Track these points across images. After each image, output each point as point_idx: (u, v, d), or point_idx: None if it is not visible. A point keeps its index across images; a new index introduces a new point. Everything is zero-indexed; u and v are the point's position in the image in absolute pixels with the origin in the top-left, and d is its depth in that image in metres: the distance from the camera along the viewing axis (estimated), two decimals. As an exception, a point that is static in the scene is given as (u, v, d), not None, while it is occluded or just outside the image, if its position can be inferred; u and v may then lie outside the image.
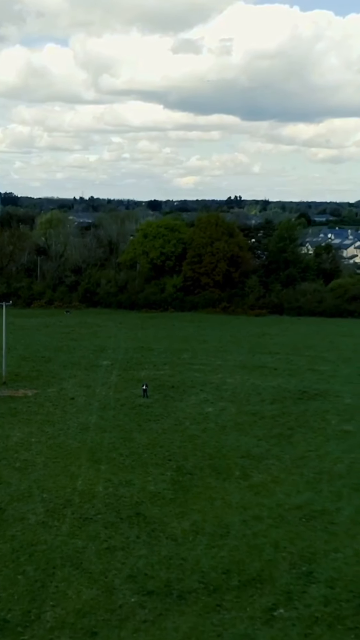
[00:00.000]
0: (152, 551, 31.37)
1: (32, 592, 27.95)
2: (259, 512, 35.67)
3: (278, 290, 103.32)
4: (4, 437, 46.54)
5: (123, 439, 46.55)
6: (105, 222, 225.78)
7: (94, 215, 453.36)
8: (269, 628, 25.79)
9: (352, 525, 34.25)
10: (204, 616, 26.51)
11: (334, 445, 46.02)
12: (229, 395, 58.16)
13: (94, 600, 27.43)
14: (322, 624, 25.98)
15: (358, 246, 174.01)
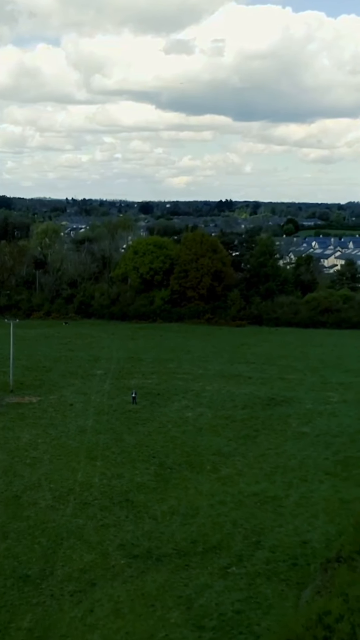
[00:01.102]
0: (137, 527, 40.43)
1: (46, 556, 36.99)
2: (223, 498, 44.75)
3: (258, 303, 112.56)
4: (15, 439, 55.49)
5: (115, 440, 55.53)
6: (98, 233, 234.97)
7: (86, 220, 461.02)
8: (223, 580, 34.85)
9: (296, 508, 43.36)
10: (175, 573, 35.59)
11: (290, 444, 55.13)
12: (206, 402, 67.19)
13: (92, 562, 36.48)
14: (263, 577, 35.07)
15: (338, 256, 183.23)
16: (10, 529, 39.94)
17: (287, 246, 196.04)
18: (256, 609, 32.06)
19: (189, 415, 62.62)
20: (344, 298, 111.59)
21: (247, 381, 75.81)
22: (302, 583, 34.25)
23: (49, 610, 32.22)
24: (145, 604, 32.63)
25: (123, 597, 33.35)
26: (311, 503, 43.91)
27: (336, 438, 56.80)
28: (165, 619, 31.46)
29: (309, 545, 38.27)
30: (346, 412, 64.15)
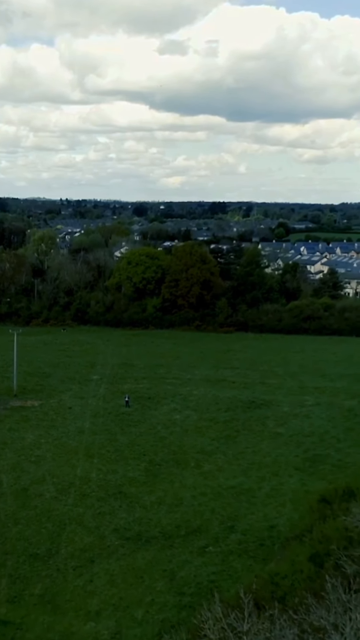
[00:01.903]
0: (129, 514, 47.17)
1: (52, 538, 43.69)
2: (204, 490, 51.50)
3: (244, 310, 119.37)
4: (21, 439, 62.13)
5: (110, 440, 62.22)
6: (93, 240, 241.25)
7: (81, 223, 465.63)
8: (201, 557, 41.59)
9: (266, 498, 50.12)
10: (161, 551, 42.34)
11: (266, 444, 61.89)
12: (193, 405, 73.91)
13: (91, 543, 43.20)
14: (235, 555, 41.83)
15: (324, 263, 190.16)
16: (20, 516, 46.65)
17: (276, 253, 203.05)
18: (227, 579, 38.83)
19: (177, 418, 69.32)
20: (324, 306, 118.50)
21: (231, 385, 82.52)
22: (267, 559, 41.02)
23: (55, 581, 38.96)
24: (136, 576, 39.40)
25: (117, 570, 40.11)
26: (280, 494, 50.67)
27: (307, 438, 63.56)
28: (152, 587, 38.23)
29: (276, 529, 45.01)
30: (319, 414, 70.92)
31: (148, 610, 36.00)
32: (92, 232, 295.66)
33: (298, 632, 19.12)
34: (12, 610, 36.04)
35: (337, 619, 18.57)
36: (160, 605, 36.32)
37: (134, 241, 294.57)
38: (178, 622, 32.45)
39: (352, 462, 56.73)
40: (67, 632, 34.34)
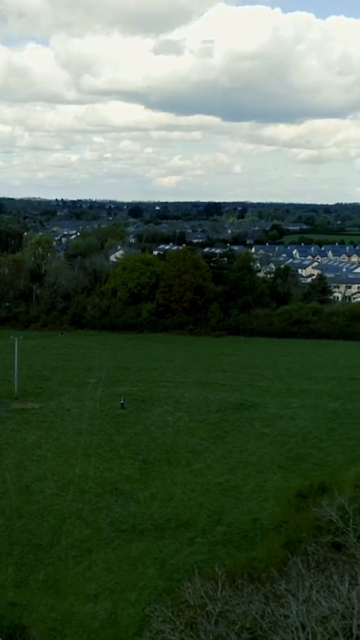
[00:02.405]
0: (124, 509, 51.27)
1: (53, 530, 47.77)
2: (193, 486, 55.62)
3: (235, 315, 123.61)
4: (23, 439, 66.17)
5: (106, 440, 66.29)
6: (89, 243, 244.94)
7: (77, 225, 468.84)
8: (190, 547, 45.73)
9: (251, 494, 54.27)
10: (153, 542, 46.43)
11: (252, 443, 66.04)
12: (185, 407, 78.01)
13: (89, 535, 47.29)
14: (220, 545, 45.95)
15: (315, 266, 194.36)
16: (24, 510, 50.73)
17: (268, 256, 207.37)
18: (212, 566, 42.95)
19: (169, 419, 73.44)
20: (313, 310, 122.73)
21: (221, 388, 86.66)
22: (249, 548, 45.11)
23: (57, 568, 43.05)
24: (130, 564, 43.53)
25: (113, 559, 44.24)
26: (264, 490, 54.81)
27: (291, 438, 67.72)
28: (144, 573, 42.37)
29: (258, 522, 49.14)
30: (303, 415, 75.09)
31: (141, 594, 40.10)
32: (88, 234, 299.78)
33: (262, 599, 23.19)
34: (19, 594, 40.13)
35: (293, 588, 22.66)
36: (151, 589, 40.43)
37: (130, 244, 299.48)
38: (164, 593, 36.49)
39: (333, 460, 60.92)
40: (68, 613, 38.44)
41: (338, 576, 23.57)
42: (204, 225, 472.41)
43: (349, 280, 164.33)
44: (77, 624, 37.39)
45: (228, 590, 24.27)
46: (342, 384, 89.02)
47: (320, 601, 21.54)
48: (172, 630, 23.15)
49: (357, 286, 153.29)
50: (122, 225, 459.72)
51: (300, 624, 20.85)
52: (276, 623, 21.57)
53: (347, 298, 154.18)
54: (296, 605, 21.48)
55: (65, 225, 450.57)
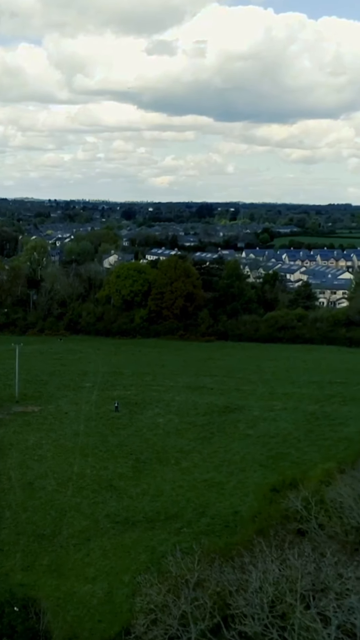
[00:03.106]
0: (119, 503, 56.96)
1: (55, 522, 53.42)
2: (181, 483, 61.33)
3: (224, 321, 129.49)
4: (25, 440, 71.74)
5: (101, 441, 71.93)
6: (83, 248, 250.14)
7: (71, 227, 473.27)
8: (177, 536, 51.40)
9: (233, 490, 60.01)
10: (144, 532, 52.12)
11: (237, 444, 71.80)
12: (175, 410, 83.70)
13: (88, 526, 52.96)
14: (203, 534, 51.59)
15: (303, 271, 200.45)
16: (28, 505, 56.38)
17: (258, 262, 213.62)
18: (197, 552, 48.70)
19: (160, 421, 79.15)
20: (298, 317, 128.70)
21: (209, 392, 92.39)
22: (229, 537, 50.92)
23: (59, 554, 48.70)
24: (124, 551, 49.22)
25: (109, 547, 49.91)
26: (245, 486, 60.53)
27: (272, 439, 73.52)
28: (136, 559, 48.02)
29: (239, 514, 54.84)
30: (285, 418, 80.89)
31: (133, 576, 45.53)
32: (82, 238, 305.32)
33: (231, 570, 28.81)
34: (26, 576, 45.75)
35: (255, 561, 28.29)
36: (142, 572, 46.09)
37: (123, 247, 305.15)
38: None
39: (309, 459, 66.64)
40: (70, 592, 44.09)
41: (293, 552, 29.34)
42: (197, 227, 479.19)
43: (334, 286, 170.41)
44: (78, 601, 43.04)
45: (203, 564, 30.06)
46: (323, 388, 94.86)
47: (275, 569, 27.27)
48: (157, 594, 28.90)
49: (341, 292, 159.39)
50: (115, 227, 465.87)
51: (259, 586, 26.54)
52: (240, 586, 27.31)
53: (332, 303, 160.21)
54: (256, 573, 27.14)
55: (59, 228, 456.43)
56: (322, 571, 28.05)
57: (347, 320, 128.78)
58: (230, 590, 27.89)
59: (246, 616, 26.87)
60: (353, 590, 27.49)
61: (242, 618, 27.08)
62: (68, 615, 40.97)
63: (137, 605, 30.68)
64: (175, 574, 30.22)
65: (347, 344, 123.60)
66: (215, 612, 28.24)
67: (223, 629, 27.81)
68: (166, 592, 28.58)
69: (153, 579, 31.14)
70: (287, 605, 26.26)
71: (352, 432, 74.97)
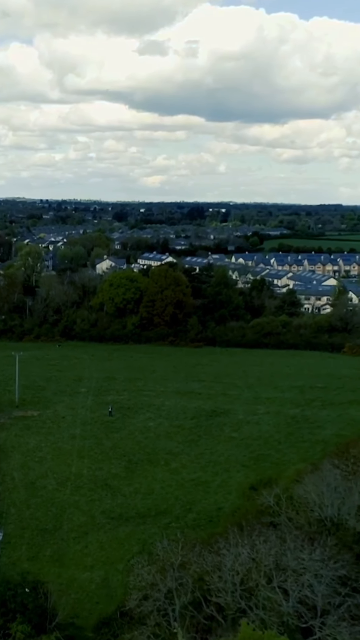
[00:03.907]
0: (113, 501, 62.86)
1: (56, 518, 59.29)
2: (170, 482, 67.27)
3: (212, 327, 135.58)
4: (26, 443, 77.49)
5: (97, 444, 77.74)
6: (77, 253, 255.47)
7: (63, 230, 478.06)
8: (166, 530, 57.17)
9: (218, 488, 65.98)
10: (137, 526, 58.07)
11: (222, 446, 77.76)
12: (165, 414, 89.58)
13: (85, 522, 58.87)
14: (190, 528, 57.53)
15: (290, 277, 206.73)
16: (31, 502, 62.22)
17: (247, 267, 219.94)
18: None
19: (151, 425, 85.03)
20: (282, 323, 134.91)
21: (197, 397, 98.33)
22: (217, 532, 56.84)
23: (60, 546, 54.59)
24: (118, 543, 55.15)
25: (104, 539, 55.83)
26: (228, 485, 66.54)
27: (255, 441, 79.54)
28: (129, 550, 53.89)
29: (222, 510, 60.79)
30: (267, 421, 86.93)
31: (127, 565, 51.54)
32: (75, 242, 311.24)
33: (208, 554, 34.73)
34: (32, 565, 51.57)
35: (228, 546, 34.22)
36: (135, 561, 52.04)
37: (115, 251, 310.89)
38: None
39: (287, 460, 72.79)
40: (71, 579, 49.99)
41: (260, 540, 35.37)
42: (188, 230, 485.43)
43: (319, 292, 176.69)
44: (78, 586, 48.98)
45: (186, 549, 36.02)
46: (304, 392, 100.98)
47: (244, 553, 33.20)
48: (147, 574, 34.85)
49: (325, 298, 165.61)
50: (107, 230, 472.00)
51: (231, 567, 32.45)
52: (216, 567, 33.24)
53: (317, 309, 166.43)
54: (229, 556, 33.05)
55: (52, 230, 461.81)
56: (284, 555, 34.06)
57: (330, 326, 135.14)
58: (208, 570, 33.85)
59: (220, 591, 32.86)
60: (308, 569, 33.52)
61: (217, 592, 33.08)
62: (70, 598, 46.67)
63: (131, 583, 36.70)
64: (162, 558, 36.18)
65: (329, 350, 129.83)
66: (196, 589, 34.21)
67: (202, 602, 33.78)
68: (155, 573, 34.55)
69: (144, 561, 37.13)
70: (253, 581, 32.26)
71: (328, 434, 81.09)
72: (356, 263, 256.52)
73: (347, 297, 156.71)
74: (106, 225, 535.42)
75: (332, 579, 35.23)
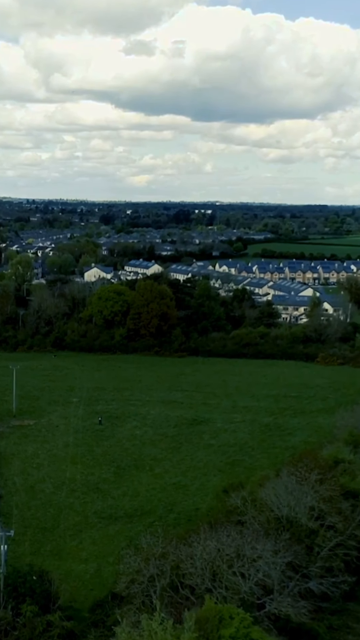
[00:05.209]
0: (104, 502, 71.41)
1: (53, 518, 67.75)
2: (154, 486, 75.87)
3: (195, 338, 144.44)
4: (24, 451, 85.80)
5: (88, 451, 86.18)
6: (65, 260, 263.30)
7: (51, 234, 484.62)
8: (150, 528, 65.55)
9: (196, 491, 74.68)
10: (124, 525, 66.67)
11: (201, 452, 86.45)
12: (150, 422, 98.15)
13: (79, 521, 67.37)
14: (171, 526, 65.99)
15: (271, 286, 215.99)
16: (31, 504, 70.63)
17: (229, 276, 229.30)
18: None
19: (137, 433, 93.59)
20: (260, 334, 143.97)
21: (180, 406, 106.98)
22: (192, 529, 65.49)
23: (59, 543, 63.09)
24: (109, 539, 63.69)
25: (97, 536, 64.38)
26: (206, 488, 75.17)
27: (231, 447, 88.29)
28: (119, 545, 62.13)
29: (200, 510, 69.37)
30: (243, 429, 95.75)
31: (116, 558, 60.14)
32: (63, 249, 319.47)
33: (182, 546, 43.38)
34: (34, 559, 59.88)
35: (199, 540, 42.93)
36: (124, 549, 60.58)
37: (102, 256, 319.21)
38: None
39: (259, 465, 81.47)
40: (68, 570, 58.43)
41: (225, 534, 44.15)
42: (174, 234, 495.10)
43: (296, 302, 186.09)
44: (75, 576, 57.46)
45: (165, 542, 44.72)
46: (278, 401, 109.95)
47: (211, 545, 41.88)
48: (134, 562, 43.51)
49: (303, 308, 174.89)
50: (94, 234, 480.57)
51: (200, 555, 41.08)
52: (188, 556, 41.88)
53: (295, 319, 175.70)
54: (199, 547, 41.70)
55: (40, 235, 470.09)
56: (243, 546, 42.84)
57: (305, 337, 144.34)
58: (182, 559, 42.53)
59: (192, 575, 41.56)
60: (262, 557, 42.32)
61: (190, 577, 41.79)
62: (68, 586, 55.13)
63: (120, 570, 45.39)
64: (146, 550, 44.87)
65: (303, 359, 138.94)
66: (173, 574, 42.88)
67: (178, 585, 42.48)
68: (140, 562, 43.22)
69: (131, 553, 45.82)
70: (217, 567, 41.00)
71: (297, 441, 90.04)
72: (335, 271, 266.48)
73: (321, 309, 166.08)
74: (93, 229, 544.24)
75: (283, 566, 44.09)
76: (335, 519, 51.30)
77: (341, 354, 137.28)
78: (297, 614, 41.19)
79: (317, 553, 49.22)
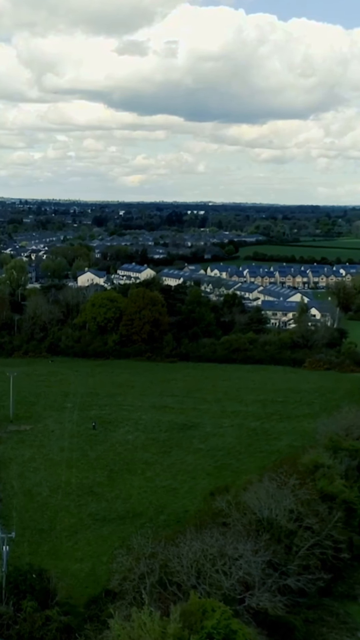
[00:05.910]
0: (98, 505, 75.43)
1: (50, 520, 71.75)
2: (146, 489, 79.93)
3: (186, 344, 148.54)
4: (21, 455, 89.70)
5: (83, 455, 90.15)
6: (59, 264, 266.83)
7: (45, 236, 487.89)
8: (141, 529, 69.82)
9: (185, 494, 78.79)
10: (117, 527, 70.70)
11: (190, 456, 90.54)
12: (142, 427, 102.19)
13: (75, 523, 71.35)
14: (161, 528, 70.21)
15: (261, 290, 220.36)
16: (29, 507, 74.60)
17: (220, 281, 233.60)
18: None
19: (129, 438, 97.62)
20: (249, 340, 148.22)
21: (171, 411, 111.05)
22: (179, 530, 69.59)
23: (55, 543, 67.10)
24: (102, 540, 67.73)
25: (90, 537, 68.41)
26: (195, 491, 79.29)
27: (219, 452, 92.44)
28: (112, 546, 66.23)
29: (188, 512, 73.38)
30: (231, 433, 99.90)
31: (109, 558, 64.20)
32: (56, 252, 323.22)
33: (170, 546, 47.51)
34: (33, 559, 63.81)
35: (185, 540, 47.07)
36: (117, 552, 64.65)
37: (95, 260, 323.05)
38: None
39: (245, 468, 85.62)
40: (65, 569, 62.39)
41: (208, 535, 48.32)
42: (166, 237, 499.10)
43: (285, 308, 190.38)
44: (71, 574, 61.41)
45: (154, 543, 48.86)
46: (265, 406, 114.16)
47: (196, 545, 45.99)
48: (126, 561, 47.63)
49: (291, 314, 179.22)
50: (87, 237, 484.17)
51: (186, 554, 45.18)
52: (175, 555, 45.99)
53: (284, 324, 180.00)
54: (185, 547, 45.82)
55: (33, 237, 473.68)
56: (225, 546, 47.02)
57: (292, 342, 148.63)
58: (170, 558, 46.66)
59: (179, 573, 45.70)
60: (243, 556, 46.50)
61: (176, 574, 45.93)
62: (65, 584, 59.10)
63: (113, 568, 49.51)
64: (137, 549, 48.99)
65: (291, 365, 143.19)
66: (162, 572, 47.00)
67: (166, 581, 46.60)
68: (131, 560, 47.35)
69: (123, 552, 49.95)
70: (202, 565, 45.15)
71: (283, 445, 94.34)
72: (324, 275, 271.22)
73: (309, 315, 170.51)
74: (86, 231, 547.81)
75: (263, 564, 48.30)
76: (313, 521, 55.59)
77: (327, 359, 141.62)
78: (274, 607, 45.37)
79: (295, 552, 53.45)
